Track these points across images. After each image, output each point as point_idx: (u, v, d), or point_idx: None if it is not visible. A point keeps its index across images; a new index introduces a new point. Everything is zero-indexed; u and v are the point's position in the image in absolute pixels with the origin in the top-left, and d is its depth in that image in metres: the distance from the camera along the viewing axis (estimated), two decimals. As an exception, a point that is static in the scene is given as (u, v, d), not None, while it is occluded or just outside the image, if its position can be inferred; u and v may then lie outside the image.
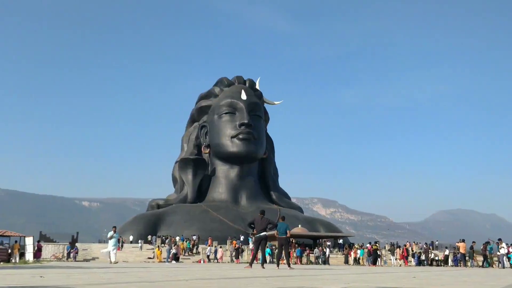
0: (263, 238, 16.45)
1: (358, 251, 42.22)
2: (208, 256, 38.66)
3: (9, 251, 33.79)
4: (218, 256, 39.38)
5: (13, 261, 31.97)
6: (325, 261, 40.16)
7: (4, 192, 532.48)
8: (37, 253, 34.51)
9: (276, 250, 20.38)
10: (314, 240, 50.00)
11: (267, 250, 37.92)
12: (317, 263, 39.92)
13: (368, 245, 42.98)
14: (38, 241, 37.93)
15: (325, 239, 50.21)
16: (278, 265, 17.28)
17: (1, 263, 29.50)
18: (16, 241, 35.81)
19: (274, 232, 17.40)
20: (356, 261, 41.24)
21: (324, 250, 42.53)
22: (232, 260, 38.48)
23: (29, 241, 35.21)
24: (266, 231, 16.27)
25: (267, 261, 34.87)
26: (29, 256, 33.37)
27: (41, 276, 9.44)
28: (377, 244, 40.00)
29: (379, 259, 39.04)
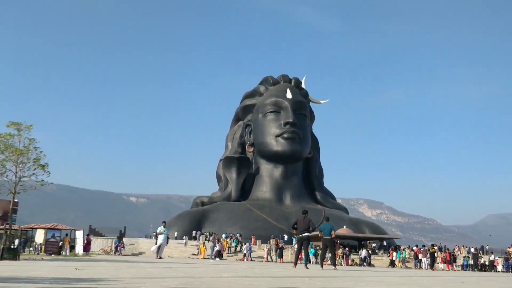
0: (305, 239, 16.33)
1: (394, 253, 41.50)
2: (245, 255, 38.77)
3: (60, 244, 35.05)
4: (255, 255, 39.47)
5: (63, 253, 33.16)
6: (370, 263, 39.58)
7: (57, 187, 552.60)
8: (87, 247, 35.57)
9: (321, 251, 20.19)
10: (359, 241, 49.29)
11: (311, 250, 37.66)
12: (361, 264, 39.35)
13: (414, 247, 41.99)
14: (88, 235, 39.10)
15: (370, 241, 49.39)
16: (322, 266, 17.13)
17: (53, 255, 30.67)
18: (67, 234, 37.13)
19: (317, 232, 17.26)
20: (392, 263, 40.64)
21: (369, 251, 41.85)
22: (271, 259, 38.44)
23: (79, 235, 36.41)
24: (309, 231, 16.14)
25: (312, 261, 34.66)
26: (79, 249, 34.51)
27: (76, 268, 9.72)
28: (434, 247, 39.21)
29: (423, 261, 38.21)
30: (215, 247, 36.91)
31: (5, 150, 16.69)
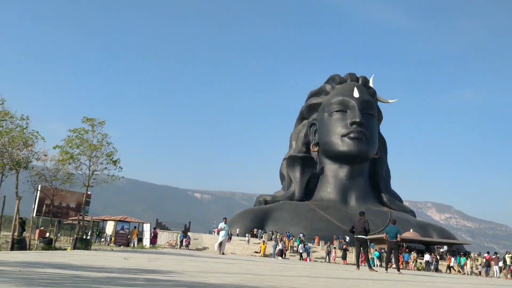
0: (362, 241, 15.96)
1: (452, 259, 39.85)
2: (301, 254, 38.45)
3: (129, 236, 36.44)
4: (319, 255, 39.12)
5: (131, 245, 34.44)
6: (437, 269, 38.24)
7: (127, 181, 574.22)
8: (153, 239, 36.72)
9: (385, 254, 19.67)
10: (426, 245, 47.67)
11: (376, 253, 36.85)
12: (428, 269, 38.04)
13: (486, 254, 40.06)
14: (155, 228, 40.35)
15: (438, 245, 47.62)
16: (386, 269, 16.69)
17: (121, 246, 31.93)
18: (135, 227, 38.54)
19: (383, 235, 16.83)
20: (449, 268, 39.20)
21: (437, 256, 40.39)
22: (328, 260, 37.97)
23: (146, 228, 37.69)
24: (365, 233, 15.76)
25: (376, 264, 33.91)
26: (146, 241, 35.71)
27: (126, 259, 9.99)
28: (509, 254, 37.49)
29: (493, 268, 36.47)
30: (277, 246, 36.94)
31: (80, 145, 17.47)
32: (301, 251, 38.83)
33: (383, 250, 34.82)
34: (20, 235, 17.91)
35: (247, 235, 46.08)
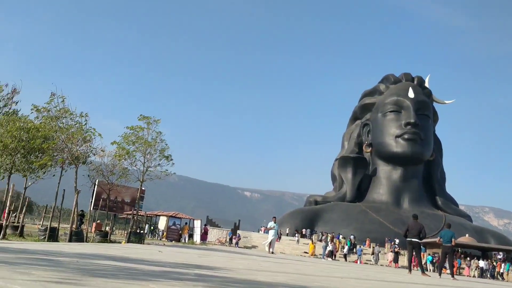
0: (415, 245, 15.49)
1: (502, 265, 38.21)
2: (345, 255, 37.83)
3: (180, 231, 37.15)
4: (369, 258, 38.46)
5: (182, 241, 35.09)
6: (493, 275, 36.81)
7: (178, 178, 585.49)
8: (204, 236, 37.26)
9: (439, 258, 19.07)
10: (483, 251, 45.85)
11: (429, 257, 35.82)
12: (483, 276, 36.61)
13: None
14: (205, 225, 40.92)
15: (495, 252, 45.70)
16: (440, 274, 16.17)
17: (173, 241, 32.60)
18: (186, 223, 39.26)
19: (437, 239, 16.32)
20: (500, 275, 37.64)
21: (494, 263, 38.84)
22: (374, 262, 37.21)
23: (197, 224, 38.29)
24: (419, 237, 15.27)
25: (429, 269, 32.98)
26: (196, 237, 36.28)
27: (160, 251, 10.13)
28: None
29: None
30: (327, 247, 36.59)
31: (136, 142, 17.97)
32: (345, 252, 38.31)
33: (436, 255, 33.79)
34: (79, 228, 18.64)
35: (296, 235, 45.91)
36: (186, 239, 35.80)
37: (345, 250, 38.76)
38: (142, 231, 20.75)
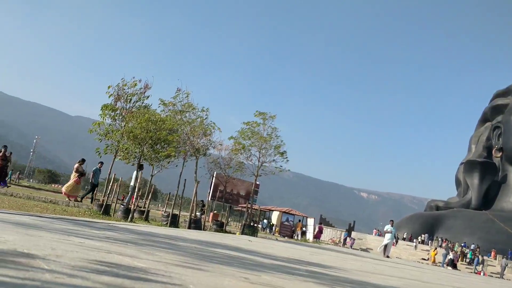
0: None
1: None
2: (455, 265, 35.11)
3: (293, 228, 37.40)
4: (494, 270, 35.54)
5: (295, 237, 35.30)
6: None
7: (293, 175, 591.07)
8: (317, 234, 37.14)
9: None
10: None
11: None
12: None
13: None
14: (320, 224, 40.79)
15: None
16: None
17: (286, 237, 32.92)
18: (299, 220, 39.43)
19: None
20: None
21: None
22: (502, 276, 34.16)
23: (310, 222, 38.30)
24: None
25: None
26: (309, 235, 36.29)
27: (250, 241, 10.06)
28: None
29: None
30: (447, 255, 34.53)
31: (252, 137, 18.41)
32: (469, 262, 35.77)
33: None
34: (199, 216, 19.60)
35: (414, 240, 44.01)
36: (299, 236, 35.99)
37: (471, 260, 36.30)
38: (255, 224, 21.22)
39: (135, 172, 15.76)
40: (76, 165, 17.21)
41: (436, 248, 38.44)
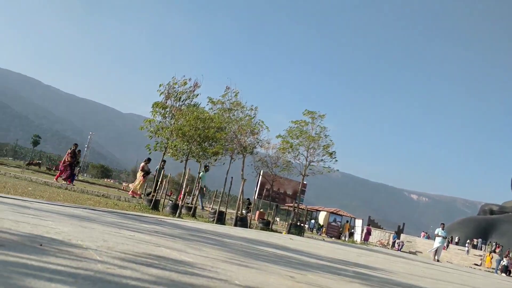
0: None
1: None
2: (509, 271, 33.44)
3: (340, 229, 36.96)
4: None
5: (342, 238, 34.89)
6: None
7: (341, 175, 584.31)
8: (366, 236, 36.54)
9: None
10: None
11: None
12: None
13: None
14: (368, 225, 40.12)
15: None
16: None
17: (333, 238, 32.60)
18: (347, 221, 38.93)
19: None
20: None
21: None
22: None
23: (358, 223, 37.75)
24: None
25: None
26: (357, 237, 35.78)
27: (291, 239, 9.90)
28: None
29: None
30: (501, 261, 33.19)
31: (300, 136, 18.29)
32: (505, 263, 34.13)
33: None
34: (245, 214, 19.72)
35: (466, 244, 42.58)
36: (347, 237, 35.56)
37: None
38: (302, 224, 21.12)
39: (201, 173, 16.23)
40: (142, 164, 17.66)
41: (491, 253, 37.04)
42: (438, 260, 22.44)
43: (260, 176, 24.16)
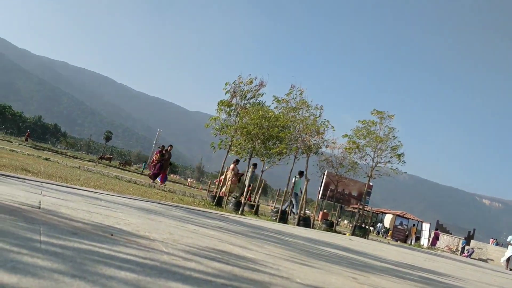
0: None
1: None
2: None
3: (407, 232, 35.92)
4: None
5: (409, 242, 33.90)
6: None
7: (409, 177, 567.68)
8: (433, 241, 35.31)
9: None
10: None
11: None
12: None
13: None
14: (436, 229, 38.75)
15: None
16: None
17: (398, 241, 31.75)
18: (414, 225, 37.78)
19: None
20: None
21: None
22: None
23: (425, 227, 36.51)
24: None
25: None
26: (424, 241, 34.63)
27: (350, 239, 9.56)
28: None
29: None
30: None
31: (367, 136, 17.92)
32: None
33: None
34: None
35: (542, 254, 40.06)
36: (413, 241, 34.54)
37: None
38: (366, 226, 20.72)
39: (294, 178, 16.49)
40: (232, 165, 17.96)
41: None
42: (511, 269, 21.30)
43: (325, 176, 23.93)
